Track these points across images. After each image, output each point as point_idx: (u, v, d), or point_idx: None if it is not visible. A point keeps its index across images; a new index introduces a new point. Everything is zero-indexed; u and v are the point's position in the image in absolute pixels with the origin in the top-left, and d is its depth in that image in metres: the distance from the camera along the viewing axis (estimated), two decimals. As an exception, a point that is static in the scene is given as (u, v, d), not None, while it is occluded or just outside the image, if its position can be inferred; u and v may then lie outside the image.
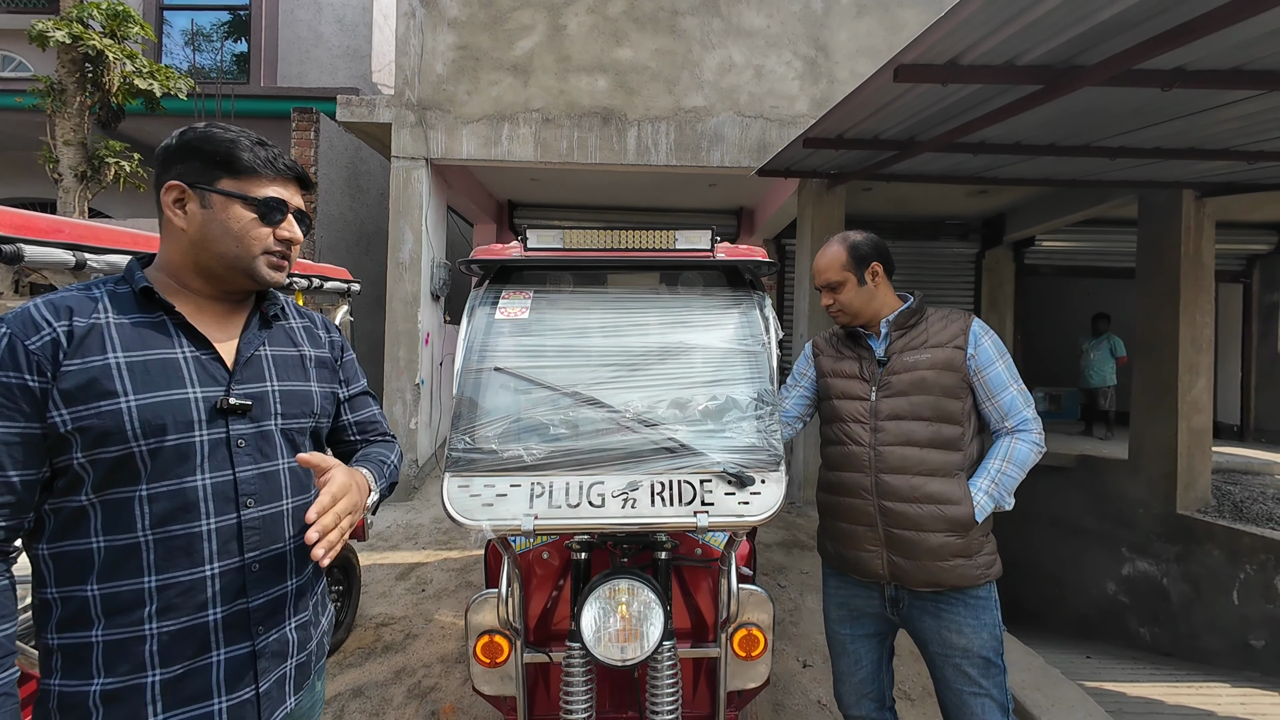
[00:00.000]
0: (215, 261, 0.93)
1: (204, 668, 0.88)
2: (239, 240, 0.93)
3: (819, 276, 1.61)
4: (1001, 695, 1.46)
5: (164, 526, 0.85)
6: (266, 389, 0.98)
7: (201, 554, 0.88)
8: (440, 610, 3.23)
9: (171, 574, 0.86)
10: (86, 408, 0.82)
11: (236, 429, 0.92)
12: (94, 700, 0.82)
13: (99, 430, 0.82)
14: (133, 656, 0.84)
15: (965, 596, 1.46)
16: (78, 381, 0.82)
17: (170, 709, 0.85)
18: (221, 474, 0.90)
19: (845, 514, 1.55)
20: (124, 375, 0.84)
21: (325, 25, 7.75)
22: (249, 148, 0.93)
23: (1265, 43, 2.33)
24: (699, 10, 5.32)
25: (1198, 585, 4.79)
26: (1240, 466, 5.76)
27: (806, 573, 3.75)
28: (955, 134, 3.43)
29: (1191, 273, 4.96)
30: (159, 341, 0.89)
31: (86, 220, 1.39)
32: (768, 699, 2.47)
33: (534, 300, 1.69)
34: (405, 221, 5.27)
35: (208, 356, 0.92)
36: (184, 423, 0.87)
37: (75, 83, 4.71)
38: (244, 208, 0.93)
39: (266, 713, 0.94)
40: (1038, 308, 8.52)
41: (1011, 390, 1.50)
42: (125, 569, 0.84)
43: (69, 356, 0.82)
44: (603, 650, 1.34)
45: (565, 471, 1.33)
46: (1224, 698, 3.70)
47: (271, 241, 0.96)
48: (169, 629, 0.85)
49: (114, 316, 0.87)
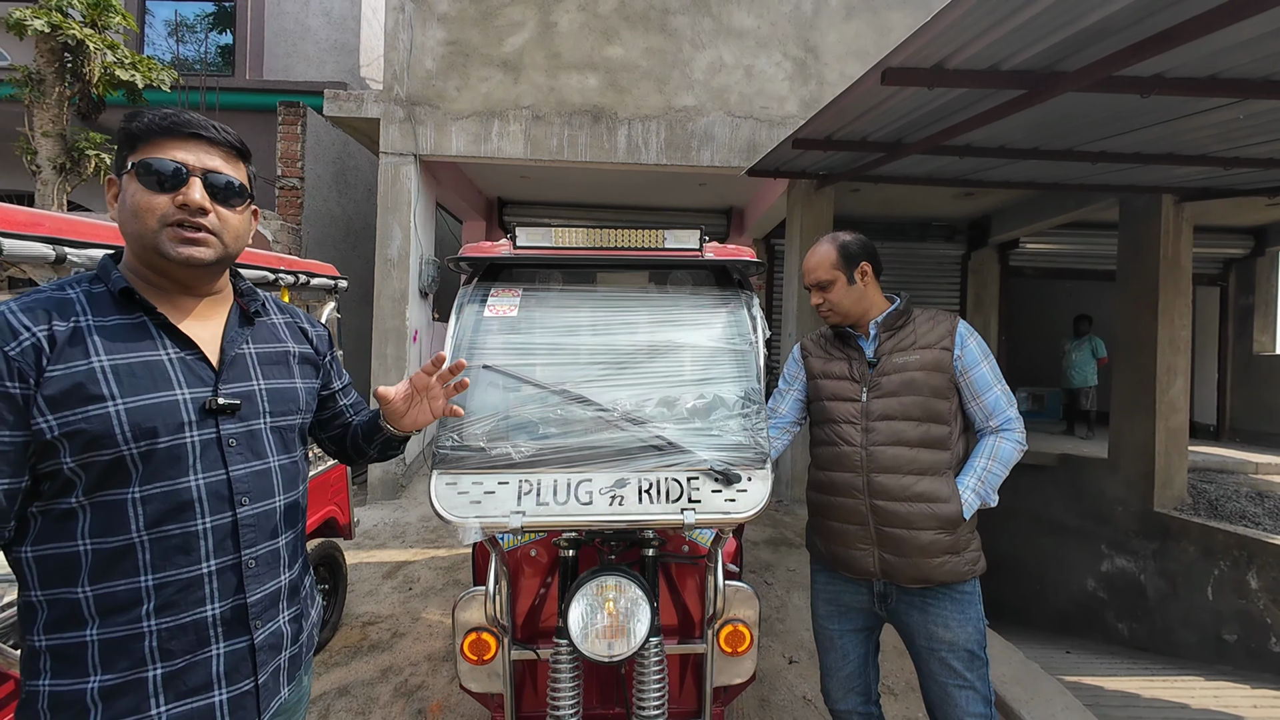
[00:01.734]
0: (135, 248, 0.89)
1: (204, 661, 0.88)
2: (135, 215, 0.86)
3: (809, 275, 1.62)
4: (984, 687, 1.50)
5: (159, 527, 0.85)
6: (253, 388, 0.97)
7: (199, 552, 0.88)
8: (427, 609, 3.21)
9: (168, 572, 0.86)
10: (73, 413, 0.80)
11: (227, 429, 0.92)
12: (91, 697, 0.82)
13: (89, 435, 0.81)
14: (132, 653, 0.84)
15: (951, 592, 1.50)
16: (62, 387, 0.80)
17: (173, 701, 0.86)
18: (215, 474, 0.90)
19: (837, 513, 1.57)
20: (110, 378, 0.83)
21: (313, 18, 7.65)
22: (149, 118, 0.86)
23: (1240, 51, 2.39)
24: (690, 10, 5.33)
25: (1174, 581, 4.90)
26: (1216, 465, 5.90)
27: (793, 570, 3.79)
28: (942, 136, 3.47)
29: (1170, 275, 5.07)
30: (142, 343, 0.87)
31: (66, 213, 1.36)
32: (754, 695, 2.49)
33: (523, 298, 1.69)
34: (393, 218, 5.23)
35: (192, 357, 0.91)
36: (174, 425, 0.86)
37: (54, 73, 4.61)
38: (135, 178, 0.85)
39: (264, 702, 0.95)
40: (1022, 309, 8.65)
41: (996, 390, 1.54)
42: (120, 569, 0.83)
43: (52, 362, 0.80)
44: (590, 646, 1.35)
45: (553, 469, 1.33)
46: (1198, 691, 3.80)
47: (170, 211, 0.86)
48: (168, 625, 0.85)
49: (94, 319, 0.84)
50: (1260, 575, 4.29)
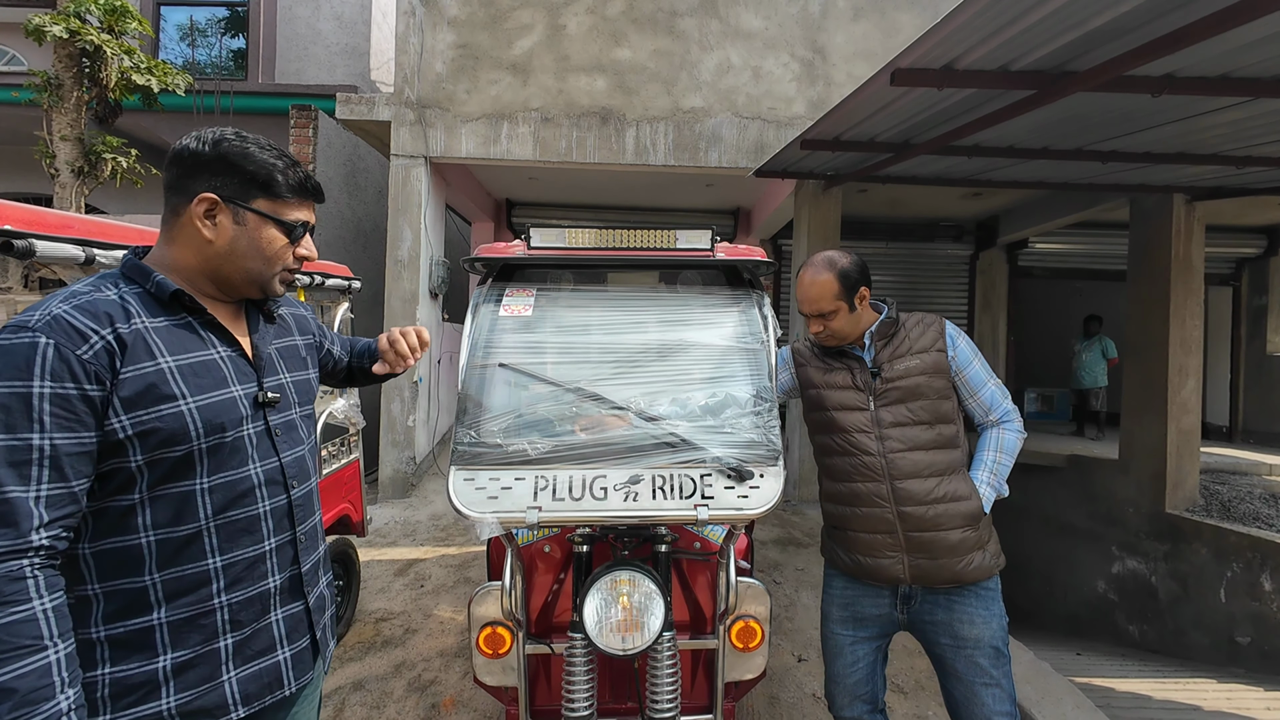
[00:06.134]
0: (237, 274, 0.97)
1: (268, 626, 0.98)
2: (266, 259, 0.98)
3: (809, 305, 1.57)
4: (1010, 685, 1.50)
5: (225, 513, 0.93)
6: (284, 381, 1.06)
7: (261, 532, 0.97)
8: (439, 606, 3.25)
9: (235, 553, 0.94)
10: (147, 412, 0.84)
11: (273, 420, 1.01)
12: (163, 674, 0.88)
13: (164, 433, 0.85)
14: (204, 629, 0.91)
15: (977, 588, 1.51)
16: (136, 388, 0.84)
17: (242, 665, 0.95)
18: (269, 461, 0.99)
19: (862, 523, 1.54)
20: (177, 378, 0.88)
21: (324, 22, 7.73)
22: (285, 170, 0.98)
23: (1252, 51, 2.39)
24: (697, 11, 5.35)
25: (1185, 583, 4.86)
26: (1228, 467, 5.85)
27: (801, 569, 3.80)
28: (950, 137, 3.48)
29: (1181, 275, 5.03)
30: (194, 343, 0.93)
31: (87, 216, 1.42)
32: (763, 692, 2.51)
33: (537, 298, 1.72)
34: (404, 219, 5.28)
35: (237, 355, 0.98)
36: (236, 419, 0.94)
37: (72, 78, 4.69)
38: (276, 229, 0.98)
39: (320, 655, 1.08)
40: (1030, 309, 8.60)
41: (990, 385, 1.59)
42: (188, 554, 0.89)
43: (124, 364, 0.84)
44: (605, 640, 1.37)
45: (568, 465, 1.36)
46: (1210, 693, 3.77)
47: (291, 259, 1.01)
48: (237, 599, 0.94)
49: (148, 320, 0.89)
50: (1274, 577, 4.26)
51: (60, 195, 4.78)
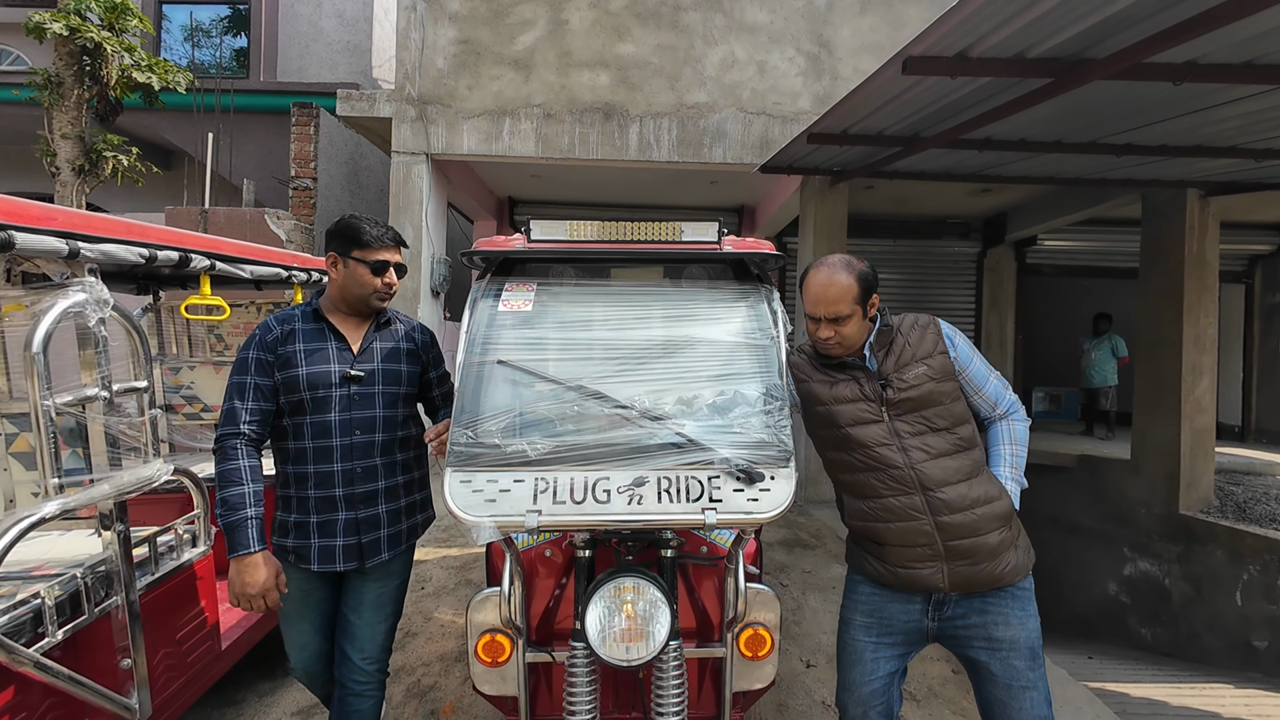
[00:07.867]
0: (352, 298, 1.66)
1: (332, 520, 1.61)
2: (362, 287, 1.63)
3: (826, 307, 1.46)
4: (1046, 688, 1.45)
5: (317, 439, 1.59)
6: (374, 367, 1.66)
7: (332, 457, 1.60)
8: (439, 608, 3.19)
9: (319, 466, 1.60)
10: (283, 372, 1.58)
11: (354, 390, 1.62)
12: (289, 526, 1.62)
13: (289, 385, 1.57)
14: (303, 507, 1.61)
15: (1014, 589, 1.47)
16: (284, 358, 1.58)
17: (319, 537, 1.61)
18: (344, 414, 1.61)
19: (898, 537, 1.46)
20: (301, 356, 1.59)
21: (325, 20, 7.70)
22: (370, 229, 1.61)
23: (1277, 36, 2.31)
24: (701, 5, 5.29)
25: (1199, 586, 4.77)
26: (1243, 467, 5.74)
27: (809, 572, 3.73)
28: (960, 130, 3.40)
29: (1195, 272, 4.94)
30: (319, 337, 1.63)
31: (81, 210, 1.39)
32: (772, 699, 2.44)
33: (537, 293, 1.65)
34: (405, 217, 5.23)
35: (344, 347, 1.65)
36: (327, 383, 1.60)
37: (73, 76, 4.66)
38: (364, 268, 1.61)
39: (367, 556, 1.64)
40: (1039, 307, 8.50)
41: (992, 380, 1.56)
42: (300, 460, 1.60)
43: (281, 345, 1.60)
44: (608, 650, 1.31)
45: (570, 467, 1.29)
46: (1228, 699, 3.68)
47: (380, 286, 1.65)
48: (318, 496, 1.60)
49: (301, 324, 1.64)
50: (1292, 580, 4.17)
51: (61, 193, 4.76)
